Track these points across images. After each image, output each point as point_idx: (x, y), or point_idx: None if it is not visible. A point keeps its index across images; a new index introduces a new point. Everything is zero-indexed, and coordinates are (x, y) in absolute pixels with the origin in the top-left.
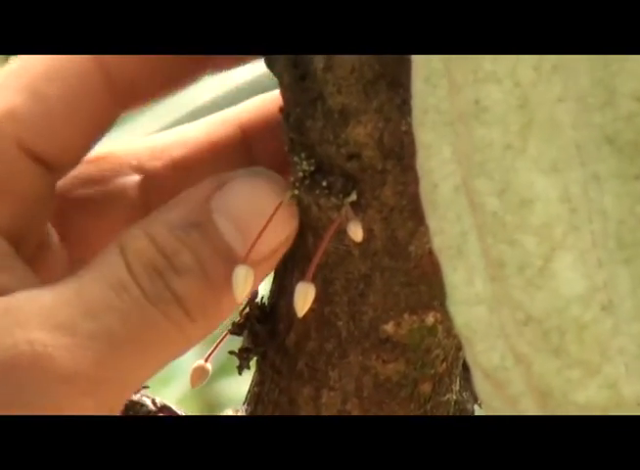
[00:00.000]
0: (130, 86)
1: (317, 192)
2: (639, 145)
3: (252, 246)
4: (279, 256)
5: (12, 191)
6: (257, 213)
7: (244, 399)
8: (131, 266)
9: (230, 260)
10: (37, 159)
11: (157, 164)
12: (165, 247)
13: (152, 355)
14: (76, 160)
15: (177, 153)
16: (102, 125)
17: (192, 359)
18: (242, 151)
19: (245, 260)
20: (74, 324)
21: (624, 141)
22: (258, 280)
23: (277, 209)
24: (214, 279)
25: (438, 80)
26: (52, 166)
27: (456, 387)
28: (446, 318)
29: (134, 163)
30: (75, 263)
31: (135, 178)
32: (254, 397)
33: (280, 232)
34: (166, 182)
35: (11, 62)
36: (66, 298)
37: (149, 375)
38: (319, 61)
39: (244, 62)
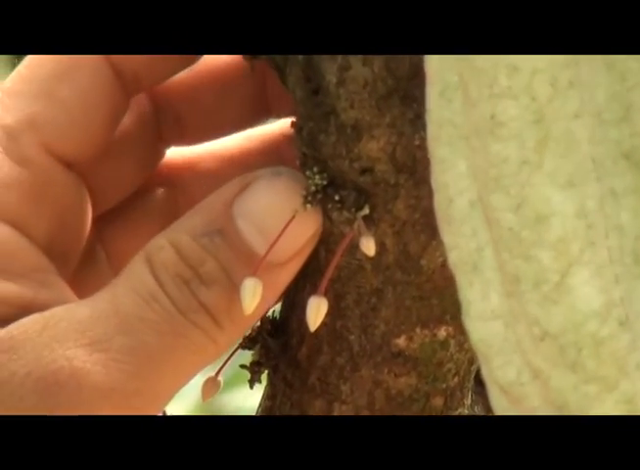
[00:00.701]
0: (136, 75)
1: (329, 206)
2: None
3: (272, 246)
4: (305, 256)
5: (47, 202)
6: (280, 215)
7: (254, 411)
8: (158, 277)
9: (256, 263)
10: (67, 163)
11: (188, 175)
12: (190, 256)
13: (183, 364)
14: (97, 155)
15: (209, 165)
16: (117, 117)
17: (202, 372)
18: (274, 164)
19: (262, 266)
20: (109, 338)
21: None
22: (286, 281)
23: (293, 217)
24: (240, 285)
25: (453, 94)
26: (78, 167)
27: (468, 401)
28: (458, 332)
29: (165, 173)
30: None
31: (166, 190)
32: (266, 410)
33: (305, 231)
34: (197, 193)
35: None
36: (100, 311)
37: (181, 384)
38: (332, 75)
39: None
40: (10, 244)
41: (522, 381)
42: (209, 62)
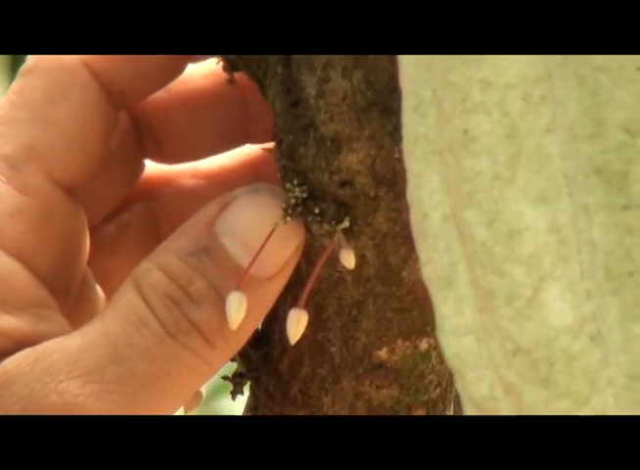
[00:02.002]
0: (123, 91)
1: (310, 219)
2: (627, 175)
3: (254, 259)
4: (290, 269)
5: (50, 232)
6: (263, 230)
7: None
8: (148, 300)
9: (244, 278)
10: (67, 188)
11: (167, 190)
12: (178, 276)
13: (177, 388)
14: (92, 175)
15: (188, 181)
16: (109, 135)
17: None
18: (253, 181)
19: (249, 281)
20: (101, 369)
21: (612, 172)
22: (274, 295)
23: (273, 230)
24: None
25: (427, 109)
26: (75, 191)
27: (450, 412)
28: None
29: (144, 188)
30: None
31: (145, 204)
32: None
33: (288, 244)
34: (176, 209)
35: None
36: (90, 341)
37: (177, 407)
38: (311, 88)
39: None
40: (13, 276)
41: (494, 396)
42: (186, 85)
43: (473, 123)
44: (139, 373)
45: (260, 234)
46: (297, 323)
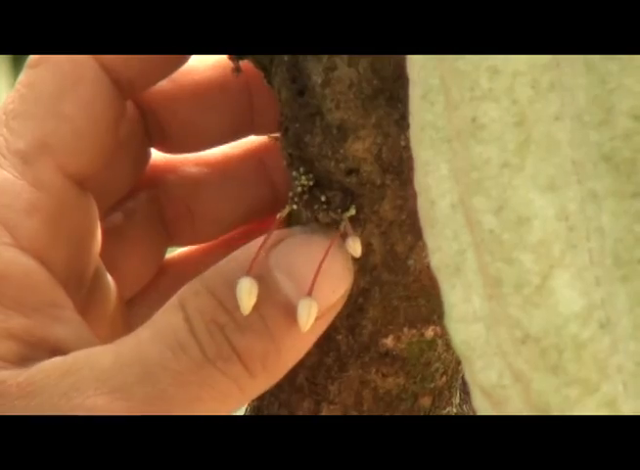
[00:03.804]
0: (131, 81)
1: (316, 207)
2: (636, 163)
3: (317, 275)
4: (334, 313)
5: (65, 228)
6: (314, 269)
7: (243, 411)
8: (192, 325)
9: (290, 316)
10: (79, 182)
11: (172, 177)
12: (227, 300)
13: (207, 413)
14: (102, 167)
15: (192, 169)
16: (117, 125)
17: None
18: (257, 172)
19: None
20: (131, 388)
21: (621, 159)
22: (315, 337)
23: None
24: (276, 334)
25: (436, 97)
26: (86, 183)
27: (456, 400)
28: (446, 332)
29: (148, 175)
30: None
31: (149, 192)
32: (254, 410)
33: (337, 289)
34: (180, 196)
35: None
36: (123, 360)
37: None
38: (317, 76)
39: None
40: (30, 277)
41: (503, 384)
42: (192, 76)
43: (481, 111)
44: (170, 395)
45: (312, 275)
46: (308, 312)
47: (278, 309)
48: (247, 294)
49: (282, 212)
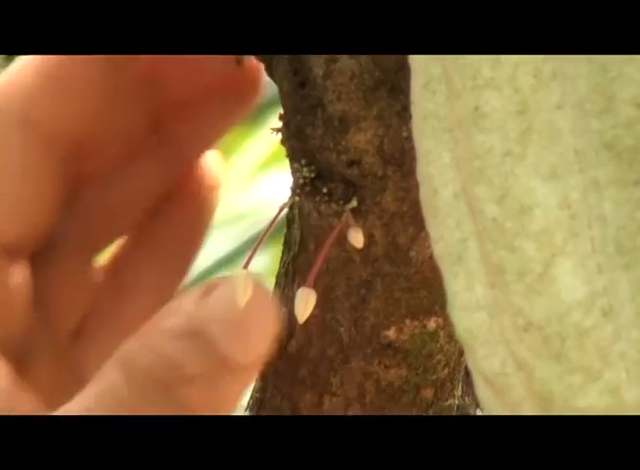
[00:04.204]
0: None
1: (317, 198)
2: (638, 151)
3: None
4: (263, 359)
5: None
6: (245, 316)
7: (245, 404)
8: (136, 383)
9: (230, 365)
10: (10, 252)
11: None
12: (172, 358)
13: None
14: (45, 237)
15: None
16: (60, 194)
17: None
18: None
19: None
20: None
21: (623, 147)
22: (249, 382)
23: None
24: (221, 385)
25: (437, 86)
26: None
27: (458, 392)
28: (448, 324)
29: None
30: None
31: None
32: (256, 403)
33: (267, 334)
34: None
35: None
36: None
37: None
38: (319, 68)
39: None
40: None
41: (506, 372)
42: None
43: (483, 100)
44: None
45: (242, 319)
46: (305, 302)
47: (220, 361)
48: (242, 285)
49: (284, 204)
